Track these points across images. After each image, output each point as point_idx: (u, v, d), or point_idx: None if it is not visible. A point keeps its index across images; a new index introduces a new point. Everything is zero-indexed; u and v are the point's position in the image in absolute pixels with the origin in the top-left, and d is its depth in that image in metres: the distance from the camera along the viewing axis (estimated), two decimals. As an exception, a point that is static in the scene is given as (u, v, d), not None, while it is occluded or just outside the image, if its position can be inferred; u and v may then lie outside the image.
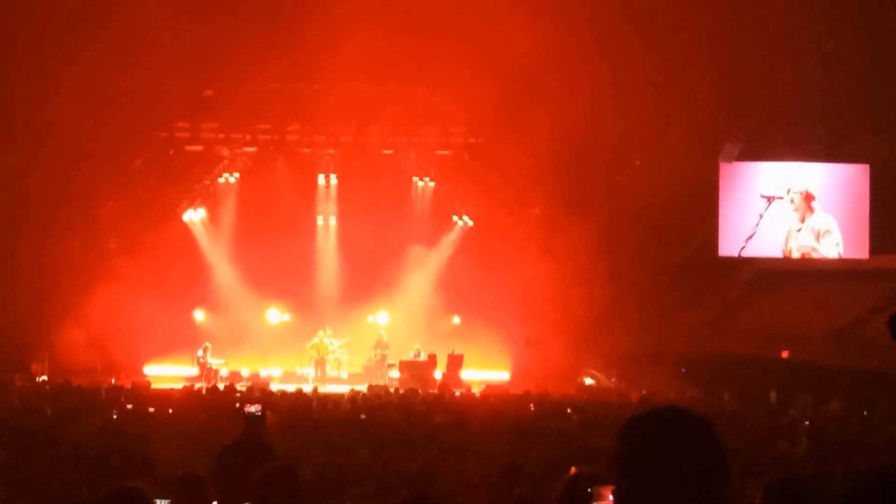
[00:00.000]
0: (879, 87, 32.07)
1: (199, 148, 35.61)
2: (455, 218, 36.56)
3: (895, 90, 31.56)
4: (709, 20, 30.67)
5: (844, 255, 33.60)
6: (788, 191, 33.69)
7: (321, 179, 36.55)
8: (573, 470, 5.56)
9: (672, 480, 3.11)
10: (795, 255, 33.94)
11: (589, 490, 4.17)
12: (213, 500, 6.44)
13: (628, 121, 31.71)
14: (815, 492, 5.73)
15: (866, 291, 30.01)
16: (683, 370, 30.19)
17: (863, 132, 34.06)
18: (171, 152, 35.32)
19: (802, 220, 33.76)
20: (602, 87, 30.11)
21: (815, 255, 33.86)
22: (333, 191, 36.63)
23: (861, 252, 33.45)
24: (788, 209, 33.78)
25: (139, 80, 31.96)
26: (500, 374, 33.48)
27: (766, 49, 31.99)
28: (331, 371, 33.40)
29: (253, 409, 10.59)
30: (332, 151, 36.08)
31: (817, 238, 33.75)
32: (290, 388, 24.79)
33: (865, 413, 20.40)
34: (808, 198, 33.76)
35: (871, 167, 33.60)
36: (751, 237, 33.55)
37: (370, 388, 26.48)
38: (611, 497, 3.30)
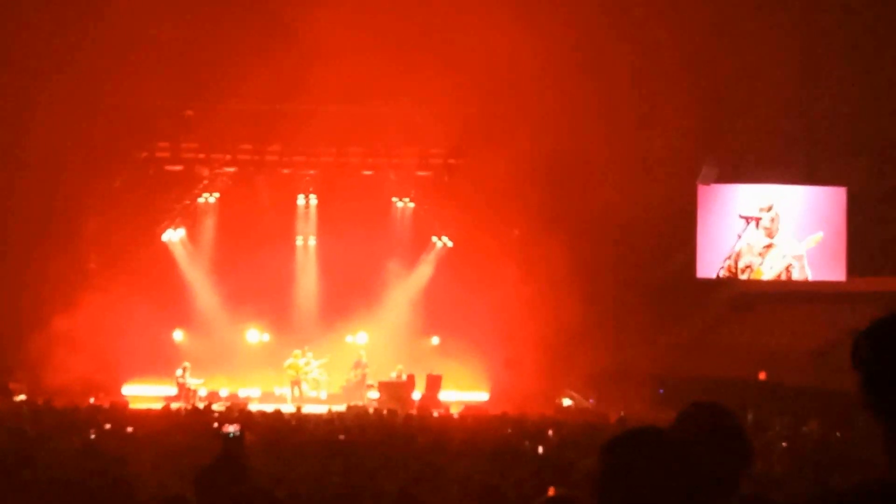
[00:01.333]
0: (857, 111, 32.35)
1: (179, 168, 35.53)
2: (434, 239, 36.59)
3: (872, 113, 31.86)
4: (690, 43, 30.89)
5: (816, 278, 33.71)
6: (769, 205, 33.74)
7: (301, 200, 36.50)
8: (551, 491, 5.58)
9: (651, 501, 3.13)
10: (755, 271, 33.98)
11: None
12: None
13: (607, 143, 31.87)
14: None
15: (844, 314, 30.11)
16: (661, 391, 30.26)
17: (840, 155, 34.29)
18: (151, 172, 35.20)
19: (770, 237, 33.79)
20: (581, 109, 30.22)
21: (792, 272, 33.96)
22: (313, 211, 36.58)
23: (838, 274, 33.60)
24: (760, 224, 33.78)
25: (120, 100, 31.96)
26: (478, 395, 33.47)
27: (746, 72, 32.26)
28: (309, 391, 33.29)
29: (231, 429, 10.56)
30: (312, 172, 36.04)
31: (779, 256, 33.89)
32: (269, 408, 24.73)
33: (838, 434, 20.47)
34: (777, 219, 33.85)
35: (848, 190, 33.78)
36: (729, 258, 33.64)
37: (349, 408, 26.45)
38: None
